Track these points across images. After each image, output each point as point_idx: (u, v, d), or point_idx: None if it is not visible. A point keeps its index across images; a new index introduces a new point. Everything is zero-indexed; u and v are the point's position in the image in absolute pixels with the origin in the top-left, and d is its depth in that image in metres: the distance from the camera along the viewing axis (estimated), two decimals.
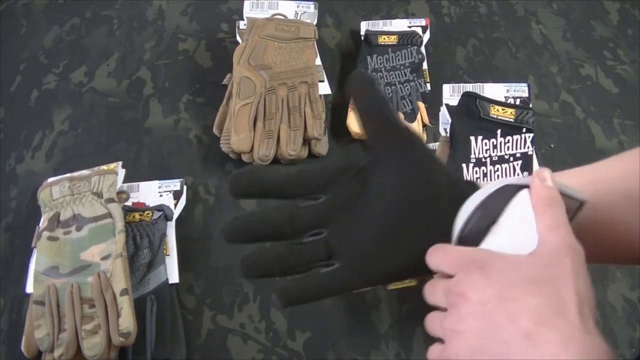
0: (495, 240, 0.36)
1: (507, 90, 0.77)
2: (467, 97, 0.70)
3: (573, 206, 0.37)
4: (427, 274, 0.38)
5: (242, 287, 0.70)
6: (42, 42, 0.92)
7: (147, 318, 0.63)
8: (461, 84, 0.78)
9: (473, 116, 0.69)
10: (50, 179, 0.73)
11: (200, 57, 0.91)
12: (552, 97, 0.89)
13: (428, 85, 0.84)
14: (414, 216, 0.39)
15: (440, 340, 0.35)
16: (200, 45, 0.92)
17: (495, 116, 0.69)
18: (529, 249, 0.35)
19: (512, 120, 0.69)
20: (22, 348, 0.61)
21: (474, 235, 0.37)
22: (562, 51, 0.95)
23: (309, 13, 0.90)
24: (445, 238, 0.38)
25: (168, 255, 0.69)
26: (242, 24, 0.89)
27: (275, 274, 0.41)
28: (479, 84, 0.79)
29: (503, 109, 0.69)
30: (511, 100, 0.76)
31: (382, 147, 0.41)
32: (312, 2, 0.91)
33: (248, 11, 0.90)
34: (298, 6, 0.91)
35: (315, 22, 0.88)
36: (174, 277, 0.68)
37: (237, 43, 0.88)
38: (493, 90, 0.77)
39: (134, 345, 0.61)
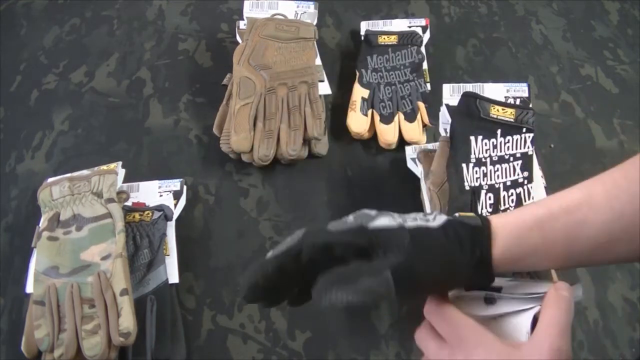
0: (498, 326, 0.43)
1: (507, 90, 0.77)
2: (467, 97, 0.70)
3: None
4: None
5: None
6: (42, 42, 0.92)
7: (147, 318, 0.63)
8: (461, 84, 0.78)
9: (473, 116, 0.69)
10: (50, 179, 0.73)
11: (200, 57, 0.91)
12: (552, 97, 0.89)
13: (428, 85, 0.84)
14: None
15: None
16: (200, 45, 0.92)
17: (495, 116, 0.69)
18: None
19: (512, 120, 0.68)
20: (22, 348, 0.61)
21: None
22: (562, 51, 0.95)
23: (309, 13, 0.90)
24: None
25: (168, 255, 0.69)
26: (242, 24, 0.89)
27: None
28: (479, 84, 0.78)
29: (503, 109, 0.69)
30: (511, 100, 0.76)
31: None
32: (312, 2, 0.91)
33: (248, 11, 0.91)
34: (298, 6, 0.91)
35: (315, 22, 0.88)
36: (174, 277, 0.68)
37: (237, 43, 0.88)
38: (493, 90, 0.77)
39: (134, 345, 0.61)
